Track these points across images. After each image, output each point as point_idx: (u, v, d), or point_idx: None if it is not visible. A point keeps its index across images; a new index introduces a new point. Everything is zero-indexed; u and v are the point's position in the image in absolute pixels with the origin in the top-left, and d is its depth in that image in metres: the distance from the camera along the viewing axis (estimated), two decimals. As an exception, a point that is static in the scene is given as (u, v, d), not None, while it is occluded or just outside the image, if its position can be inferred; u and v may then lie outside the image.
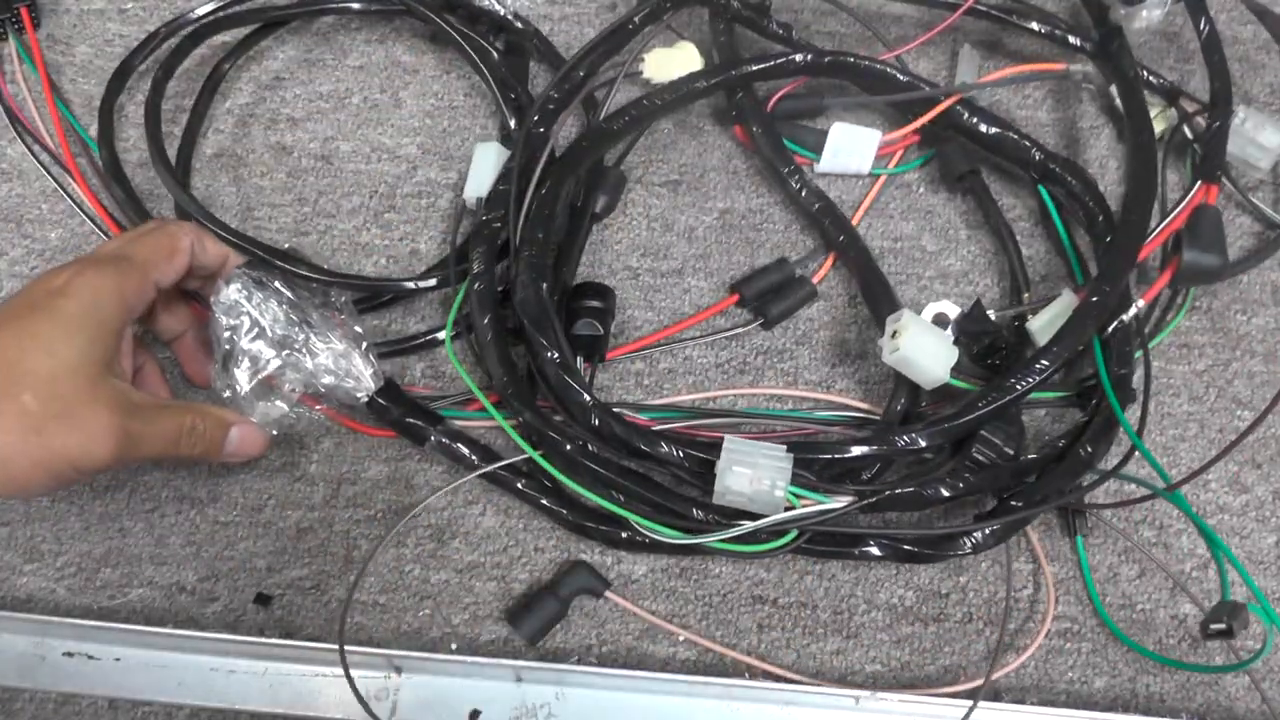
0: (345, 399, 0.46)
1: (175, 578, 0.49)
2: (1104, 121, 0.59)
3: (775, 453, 0.42)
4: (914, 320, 0.46)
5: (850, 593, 0.48)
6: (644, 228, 0.56)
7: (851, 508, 0.43)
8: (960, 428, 0.45)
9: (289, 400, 0.46)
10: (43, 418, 0.38)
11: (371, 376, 0.46)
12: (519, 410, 0.46)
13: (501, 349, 0.47)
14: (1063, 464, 0.46)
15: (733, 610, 0.48)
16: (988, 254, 0.56)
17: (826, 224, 0.54)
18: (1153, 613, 0.48)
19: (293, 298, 0.45)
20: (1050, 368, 0.45)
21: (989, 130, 0.53)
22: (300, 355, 0.45)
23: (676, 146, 0.59)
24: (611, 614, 0.48)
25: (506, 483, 0.48)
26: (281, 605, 0.48)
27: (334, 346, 0.45)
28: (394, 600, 0.48)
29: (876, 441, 0.45)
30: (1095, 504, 0.49)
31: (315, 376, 0.45)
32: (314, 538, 0.49)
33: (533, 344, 0.45)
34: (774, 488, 0.41)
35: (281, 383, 0.45)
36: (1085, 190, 0.52)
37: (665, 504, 0.44)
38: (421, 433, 0.48)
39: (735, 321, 0.54)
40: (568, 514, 0.48)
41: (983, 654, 0.47)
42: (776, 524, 0.43)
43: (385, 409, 0.47)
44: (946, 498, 0.44)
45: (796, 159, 0.56)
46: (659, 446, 0.44)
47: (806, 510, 0.42)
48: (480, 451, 0.48)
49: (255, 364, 0.44)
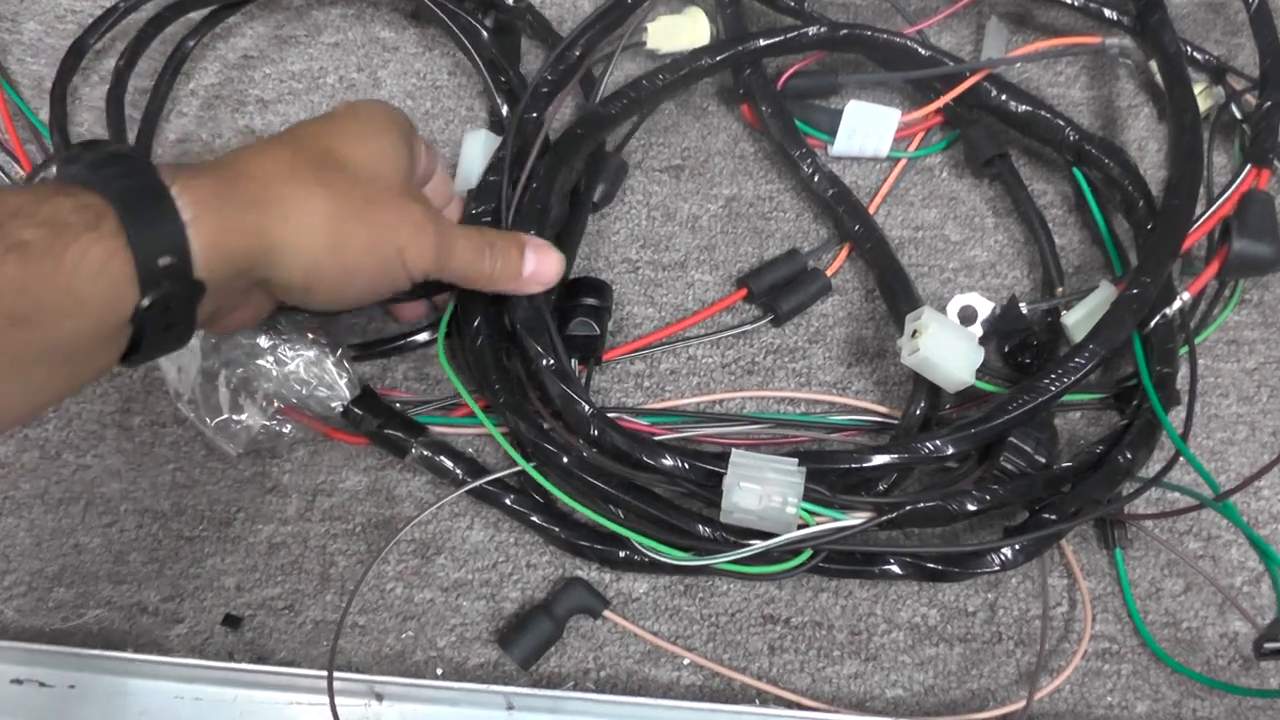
0: (319, 409, 0.46)
1: (136, 598, 0.49)
2: (1143, 100, 0.59)
3: (786, 467, 0.42)
4: (935, 318, 0.46)
5: (869, 611, 0.48)
6: (644, 217, 0.56)
7: (869, 525, 0.42)
8: (989, 433, 0.44)
9: (264, 412, 0.46)
10: (372, 192, 0.39)
11: (346, 384, 0.46)
12: (511, 419, 0.46)
13: (493, 352, 0.47)
14: (1100, 472, 0.45)
15: (741, 631, 0.48)
16: (1016, 244, 0.56)
17: (841, 211, 0.54)
18: (1200, 631, 0.48)
19: None
20: (1086, 366, 0.45)
21: (1020, 108, 0.53)
22: (269, 364, 0.45)
23: (679, 129, 0.58)
24: (610, 635, 0.48)
25: (494, 498, 0.48)
26: (252, 627, 0.48)
27: (305, 354, 0.45)
28: (374, 621, 0.48)
29: (897, 450, 0.45)
30: (1136, 514, 0.49)
31: (287, 386, 0.45)
32: (287, 554, 0.49)
33: (526, 349, 0.45)
34: (785, 504, 0.41)
35: (252, 394, 0.45)
36: (1124, 174, 0.52)
37: (669, 520, 0.45)
38: (402, 444, 0.48)
39: (743, 318, 0.54)
40: (561, 532, 0.48)
41: (1014, 677, 0.47)
42: (789, 544, 0.43)
43: (362, 419, 0.47)
44: (973, 512, 0.44)
45: (809, 141, 0.55)
46: (663, 459, 0.44)
47: (821, 529, 0.42)
48: (466, 465, 0.48)
49: (223, 375, 0.45)
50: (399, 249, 0.39)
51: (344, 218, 0.38)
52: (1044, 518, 0.45)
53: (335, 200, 0.38)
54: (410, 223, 0.40)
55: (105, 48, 0.59)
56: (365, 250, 0.39)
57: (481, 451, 0.51)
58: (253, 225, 0.35)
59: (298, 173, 0.37)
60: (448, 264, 0.42)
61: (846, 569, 0.46)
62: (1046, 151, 0.56)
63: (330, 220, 0.37)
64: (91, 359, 0.33)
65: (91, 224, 0.31)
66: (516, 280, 0.45)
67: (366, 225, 0.38)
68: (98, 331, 0.32)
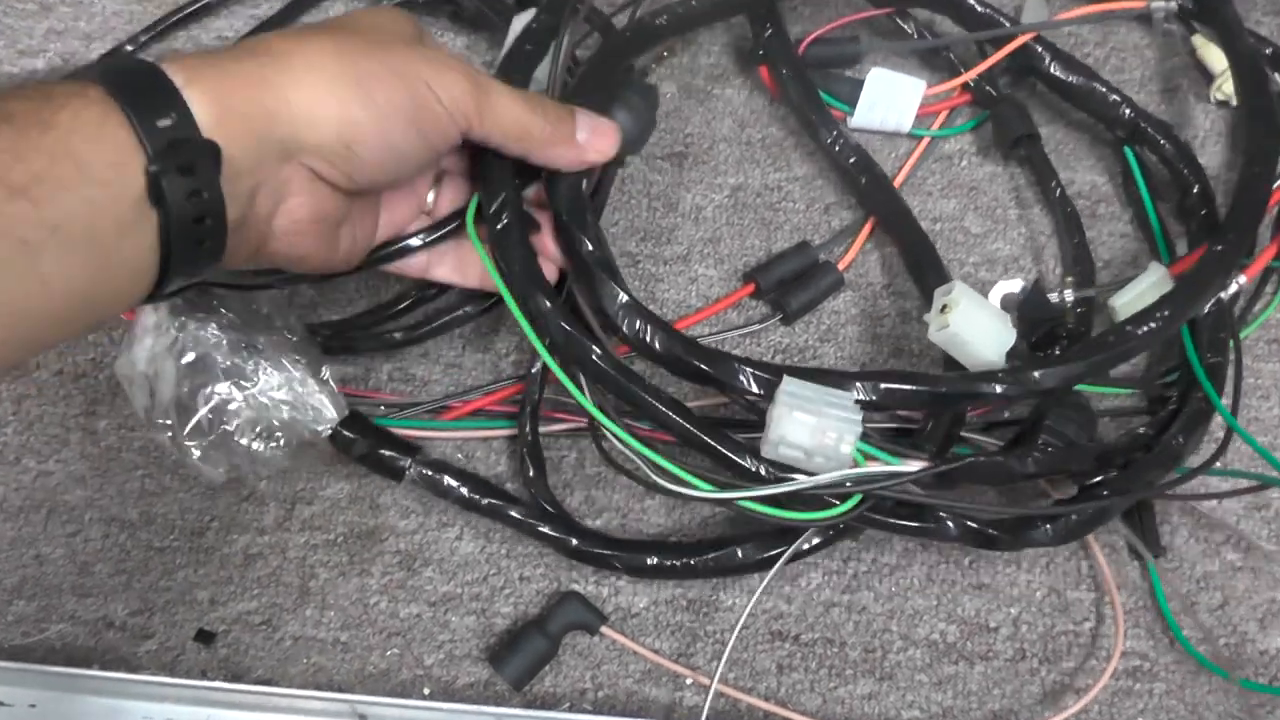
0: (304, 433, 0.45)
1: (102, 611, 0.48)
2: (1181, 82, 0.58)
3: (843, 401, 0.40)
4: (967, 293, 0.45)
5: (884, 627, 0.48)
6: (644, 208, 0.56)
7: (926, 473, 0.41)
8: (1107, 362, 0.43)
9: (245, 438, 0.45)
10: (382, 37, 0.38)
11: (333, 405, 0.45)
12: (535, 303, 0.42)
13: (521, 231, 0.43)
14: (1152, 454, 0.45)
15: (748, 648, 0.47)
16: (1042, 236, 0.55)
17: (864, 182, 0.53)
18: (1239, 648, 0.47)
19: (235, 319, 0.44)
20: (1172, 320, 0.44)
21: (1074, 79, 0.53)
22: (249, 387, 0.44)
23: (680, 113, 0.58)
24: (608, 653, 0.47)
25: (499, 513, 0.47)
26: (226, 643, 0.47)
27: (289, 374, 0.44)
28: (357, 638, 0.47)
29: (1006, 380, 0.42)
30: (1194, 494, 0.48)
31: (269, 410, 0.44)
32: (264, 565, 0.49)
33: (572, 239, 0.43)
34: (840, 442, 0.39)
35: (232, 420, 0.44)
36: (1179, 155, 0.51)
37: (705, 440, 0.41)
38: (397, 465, 0.47)
39: (750, 315, 0.53)
40: (578, 543, 0.46)
41: (1038, 696, 0.46)
42: (837, 483, 0.40)
43: (352, 442, 0.46)
44: (1032, 473, 0.42)
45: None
46: (730, 366, 0.41)
47: (874, 470, 0.40)
48: (470, 482, 0.47)
49: (201, 401, 0.43)
50: (426, 82, 0.37)
51: (355, 52, 0.36)
52: (1097, 492, 0.44)
53: (341, 39, 0.37)
54: (433, 60, 0.38)
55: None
56: (390, 85, 0.37)
57: (472, 457, 0.50)
58: (254, 74, 0.34)
59: (298, 30, 0.37)
60: (490, 111, 0.39)
61: (895, 524, 0.44)
62: (1074, 139, 0.56)
63: (340, 56, 0.36)
64: (115, 247, 0.32)
65: (79, 92, 0.31)
66: (570, 144, 0.42)
67: (381, 61, 0.37)
68: (113, 206, 0.31)
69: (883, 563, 0.48)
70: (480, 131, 0.39)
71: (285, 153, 0.35)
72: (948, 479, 0.42)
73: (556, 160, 0.42)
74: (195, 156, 0.32)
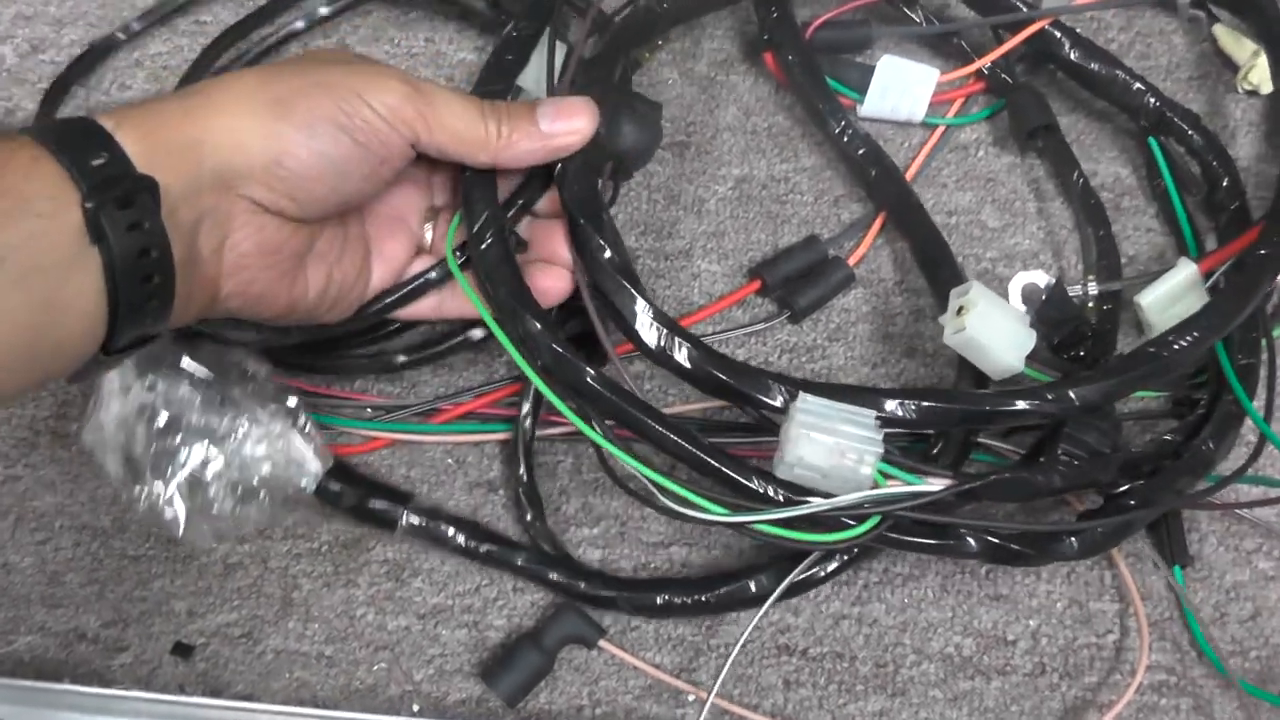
0: (288, 489, 0.45)
1: (73, 623, 0.48)
2: (1207, 71, 0.57)
3: (862, 418, 0.39)
4: (984, 294, 0.44)
5: (896, 641, 0.47)
6: (644, 200, 0.55)
7: (949, 492, 0.40)
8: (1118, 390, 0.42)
9: (228, 500, 0.44)
10: (320, 61, 0.40)
11: (316, 457, 0.45)
12: (525, 325, 0.41)
13: (503, 249, 0.42)
14: (1181, 461, 0.44)
15: (754, 663, 0.47)
16: (1063, 231, 0.54)
17: (873, 174, 0.52)
18: (1271, 660, 0.46)
19: (205, 374, 0.44)
20: (1215, 330, 0.43)
21: (1095, 66, 0.52)
22: (228, 445, 0.44)
23: (682, 100, 0.57)
24: (607, 668, 0.46)
25: (498, 560, 0.47)
26: (205, 657, 0.47)
27: (267, 428, 0.44)
28: (343, 651, 0.47)
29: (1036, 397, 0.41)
30: (1229, 503, 0.47)
31: (250, 468, 0.44)
32: (245, 575, 0.48)
33: (587, 243, 0.42)
34: (860, 463, 0.38)
35: (213, 483, 0.44)
36: (1207, 146, 0.50)
37: (713, 464, 0.40)
38: (389, 516, 0.47)
39: (755, 314, 0.53)
40: (585, 586, 0.46)
41: (1058, 713, 0.46)
42: (855, 505, 0.39)
43: (339, 494, 0.47)
44: (1059, 487, 0.41)
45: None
46: (762, 382, 0.40)
47: (894, 491, 0.39)
48: (467, 529, 0.47)
49: (176, 466, 0.43)
50: (355, 91, 0.37)
51: (276, 75, 0.37)
52: (1124, 503, 0.43)
53: (266, 70, 0.38)
54: (365, 71, 0.39)
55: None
56: (312, 96, 0.37)
57: (464, 461, 0.50)
58: (179, 110, 0.36)
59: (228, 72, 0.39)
60: (436, 118, 0.39)
61: (915, 542, 0.43)
62: (1096, 129, 0.55)
63: (262, 81, 0.37)
64: (60, 285, 0.32)
65: (9, 139, 0.32)
66: (534, 137, 0.41)
67: (302, 77, 0.38)
68: (55, 239, 0.32)
69: (895, 573, 0.47)
70: (432, 141, 0.39)
71: (221, 183, 0.36)
72: (971, 497, 0.41)
73: (526, 157, 0.42)
74: (133, 190, 0.33)
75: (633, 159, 0.49)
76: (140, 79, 0.58)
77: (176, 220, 0.34)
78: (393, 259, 0.43)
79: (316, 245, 0.40)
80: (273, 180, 0.37)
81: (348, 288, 0.42)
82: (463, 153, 0.40)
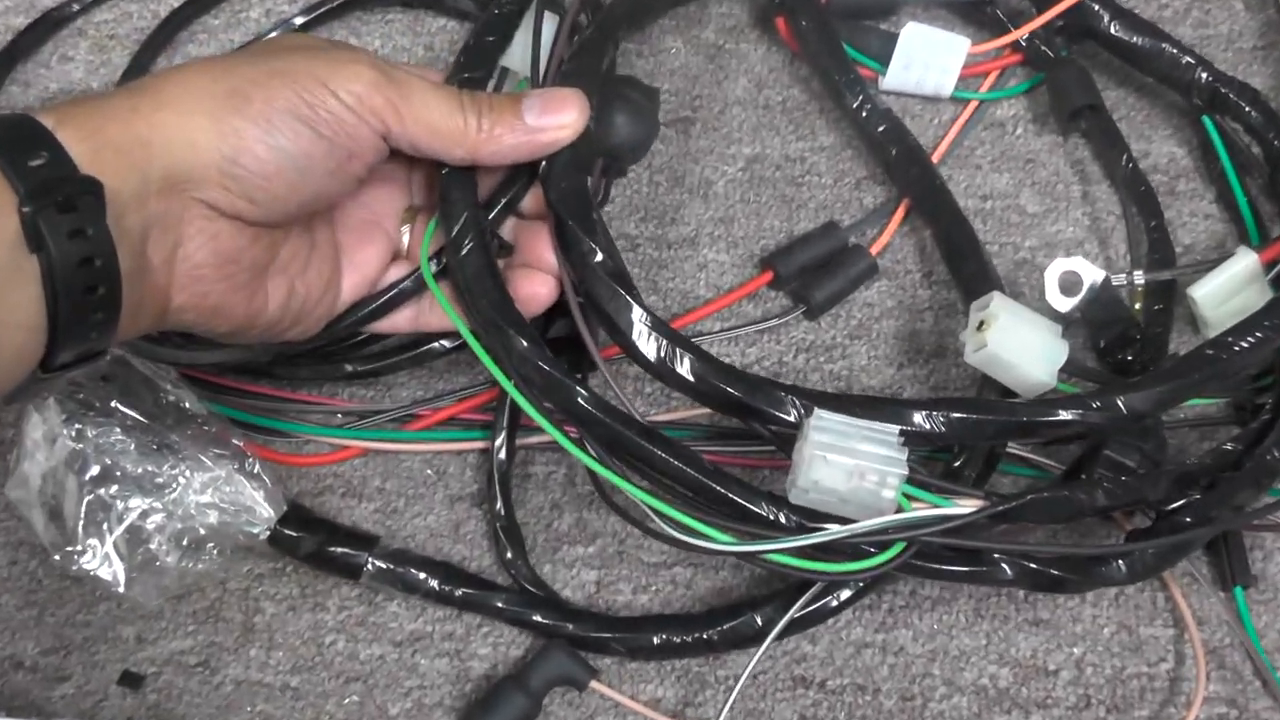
0: (238, 538, 0.44)
1: (10, 650, 0.46)
2: (1278, 39, 0.55)
3: (884, 436, 0.37)
4: (1007, 306, 0.43)
5: (924, 671, 0.45)
6: (645, 182, 0.54)
7: (980, 515, 0.38)
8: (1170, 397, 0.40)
9: (172, 555, 0.43)
10: (281, 48, 0.39)
11: (268, 502, 0.44)
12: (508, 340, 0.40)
13: (484, 256, 0.41)
14: (1243, 473, 0.42)
15: (766, 696, 0.45)
16: (1110, 217, 0.53)
17: (894, 154, 0.51)
18: None
19: (139, 417, 0.43)
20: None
21: (1140, 41, 0.51)
22: (171, 495, 0.43)
23: (687, 71, 0.56)
24: (601, 707, 0.45)
25: (476, 605, 0.45)
26: (156, 687, 0.46)
27: (212, 472, 0.43)
28: (310, 682, 0.45)
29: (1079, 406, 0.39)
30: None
31: (195, 518, 0.43)
32: (201, 598, 0.47)
33: (576, 246, 0.41)
34: (882, 485, 0.37)
35: (154, 537, 0.43)
36: (1267, 124, 0.49)
37: (716, 489, 0.39)
38: (353, 563, 0.45)
39: (768, 308, 0.52)
40: (574, 628, 0.44)
41: None
42: (877, 531, 0.38)
43: (296, 540, 0.45)
44: (1103, 505, 0.40)
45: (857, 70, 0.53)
46: (774, 395, 0.38)
47: (921, 515, 0.38)
48: (440, 572, 0.45)
49: (112, 520, 0.42)
50: (319, 79, 0.36)
51: (231, 66, 0.37)
52: (1178, 521, 0.41)
53: (219, 60, 0.38)
54: (332, 58, 0.37)
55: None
56: (270, 85, 0.36)
57: (444, 473, 0.48)
58: (125, 106, 0.35)
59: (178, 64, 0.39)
60: (410, 108, 0.38)
61: (944, 570, 0.42)
62: (1147, 104, 0.54)
63: (215, 73, 0.36)
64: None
65: None
66: (519, 131, 0.40)
67: (260, 66, 0.37)
68: None
69: (922, 595, 0.46)
70: (404, 133, 0.38)
71: (170, 185, 0.35)
72: (1005, 519, 0.39)
73: (508, 153, 0.41)
74: (75, 192, 0.32)
75: (627, 154, 0.48)
76: (84, 49, 0.57)
77: (123, 226, 0.33)
78: (365, 266, 0.42)
79: (279, 254, 0.39)
80: (228, 181, 0.36)
81: (313, 301, 0.40)
82: (438, 147, 0.39)
